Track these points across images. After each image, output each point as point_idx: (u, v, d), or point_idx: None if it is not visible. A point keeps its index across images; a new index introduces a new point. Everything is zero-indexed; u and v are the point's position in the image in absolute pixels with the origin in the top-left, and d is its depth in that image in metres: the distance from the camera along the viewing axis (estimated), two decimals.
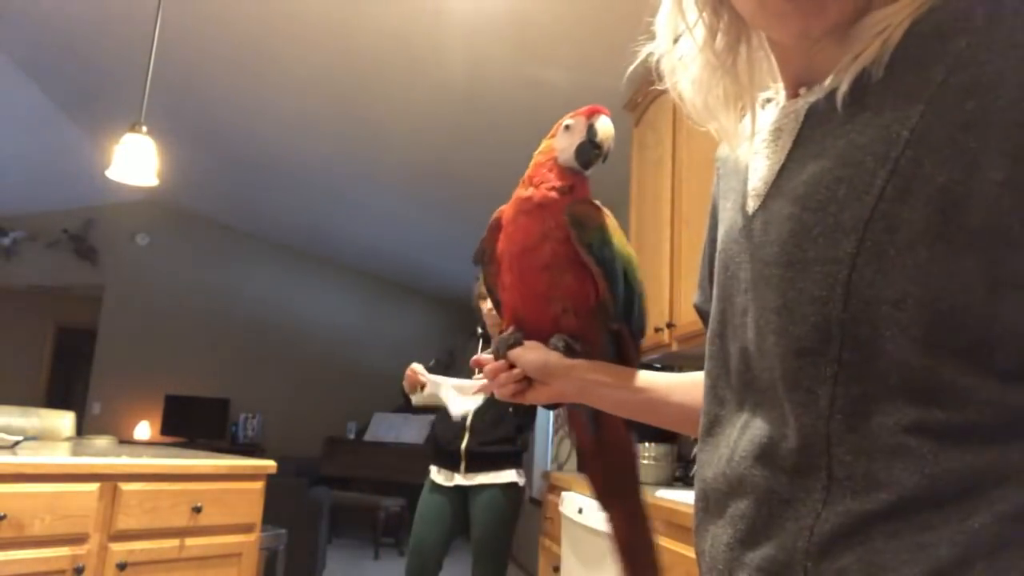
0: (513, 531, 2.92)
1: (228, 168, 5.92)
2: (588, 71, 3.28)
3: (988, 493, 0.43)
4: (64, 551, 1.84)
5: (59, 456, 1.95)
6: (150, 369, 7.00)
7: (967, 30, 0.46)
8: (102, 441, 2.79)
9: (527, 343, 0.83)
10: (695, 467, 0.64)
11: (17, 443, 2.07)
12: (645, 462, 2.73)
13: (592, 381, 0.80)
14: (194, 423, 7.02)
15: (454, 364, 3.02)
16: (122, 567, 1.93)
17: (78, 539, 1.87)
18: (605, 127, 0.79)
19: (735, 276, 0.57)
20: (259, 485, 2.29)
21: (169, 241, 7.29)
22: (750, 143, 0.61)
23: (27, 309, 7.98)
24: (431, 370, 2.88)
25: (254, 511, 2.26)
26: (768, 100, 0.63)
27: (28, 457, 1.83)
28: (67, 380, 8.18)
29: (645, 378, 0.80)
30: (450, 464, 2.90)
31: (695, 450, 0.65)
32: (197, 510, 2.09)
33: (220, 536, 2.17)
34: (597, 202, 0.85)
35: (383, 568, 5.88)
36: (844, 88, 0.51)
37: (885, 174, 0.46)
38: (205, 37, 3.79)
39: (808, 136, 0.54)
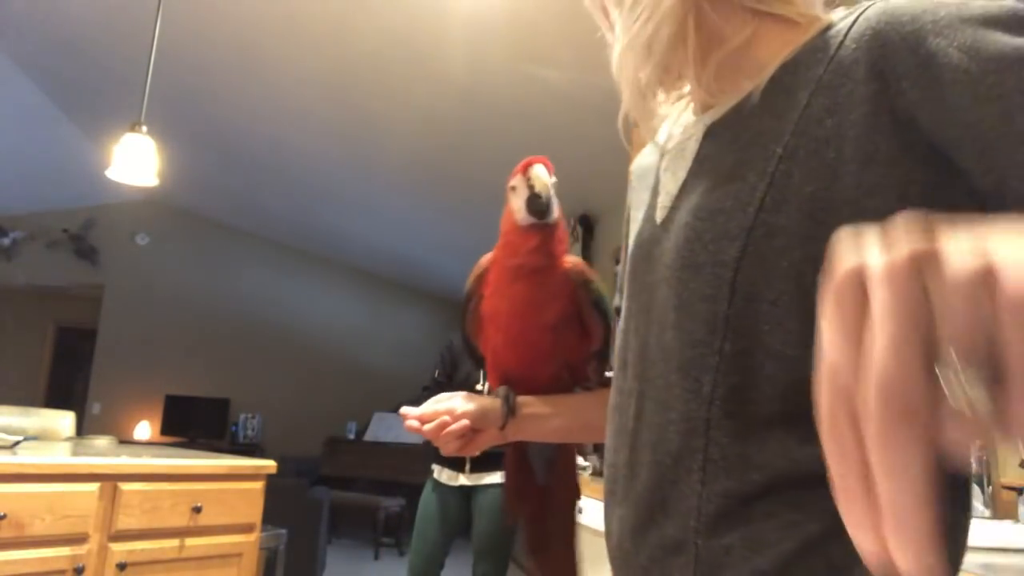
0: (516, 530, 2.93)
1: (228, 168, 5.92)
2: (588, 71, 3.28)
3: None
4: (64, 551, 1.83)
5: (59, 456, 1.94)
6: (150, 369, 7.00)
7: (824, 60, 0.54)
8: (102, 441, 2.79)
9: (460, 394, 0.84)
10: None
11: (17, 443, 2.07)
12: None
13: (529, 415, 0.83)
14: (194, 423, 7.02)
15: (457, 368, 3.01)
16: (122, 567, 1.93)
17: (78, 539, 1.87)
18: (538, 175, 0.82)
19: (641, 279, 0.63)
20: (259, 485, 2.28)
21: (169, 241, 7.29)
22: (662, 159, 0.68)
23: (27, 309, 7.98)
24: (435, 382, 2.90)
25: (254, 511, 2.26)
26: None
27: (28, 457, 1.82)
28: (67, 380, 8.18)
29: (580, 401, 0.84)
30: (455, 464, 2.90)
31: None
32: (197, 510, 2.09)
33: (220, 536, 2.17)
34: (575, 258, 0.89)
35: (383, 568, 5.88)
36: (723, 114, 0.59)
37: (764, 187, 0.53)
38: (205, 37, 3.79)
39: (705, 155, 0.61)
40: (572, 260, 0.86)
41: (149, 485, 2.02)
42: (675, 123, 0.70)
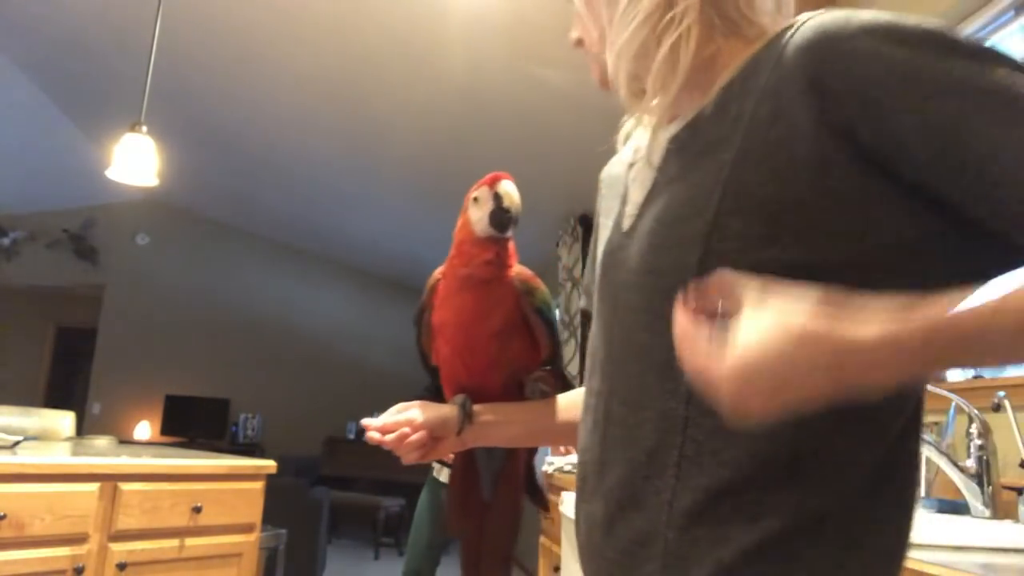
0: (516, 532, 2.94)
1: (228, 167, 5.92)
2: (587, 70, 3.28)
3: (810, 474, 0.54)
4: (64, 551, 1.83)
5: (59, 456, 1.94)
6: (150, 369, 7.00)
7: (766, 70, 0.57)
8: (102, 441, 2.78)
9: (417, 403, 0.86)
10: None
11: (17, 443, 2.07)
12: None
13: (485, 422, 0.85)
14: (194, 423, 7.02)
15: None
16: (122, 567, 1.93)
17: (78, 539, 1.87)
18: (508, 191, 0.82)
19: (610, 283, 0.67)
20: (259, 485, 2.28)
21: (169, 241, 7.29)
22: (630, 170, 0.71)
23: (27, 309, 7.98)
24: (435, 384, 2.89)
25: (254, 511, 2.26)
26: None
27: (28, 457, 1.82)
28: (67, 380, 8.18)
29: (531, 409, 0.87)
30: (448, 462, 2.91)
31: None
32: (197, 510, 2.09)
33: (220, 536, 2.17)
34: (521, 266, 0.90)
35: (383, 568, 5.88)
36: (683, 125, 0.63)
37: (719, 193, 0.56)
38: (205, 36, 3.79)
39: (668, 165, 0.64)
40: (518, 269, 0.87)
41: (149, 485, 2.02)
42: (641, 133, 0.73)
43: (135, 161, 2.88)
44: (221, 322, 7.43)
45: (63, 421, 2.77)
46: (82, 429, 5.89)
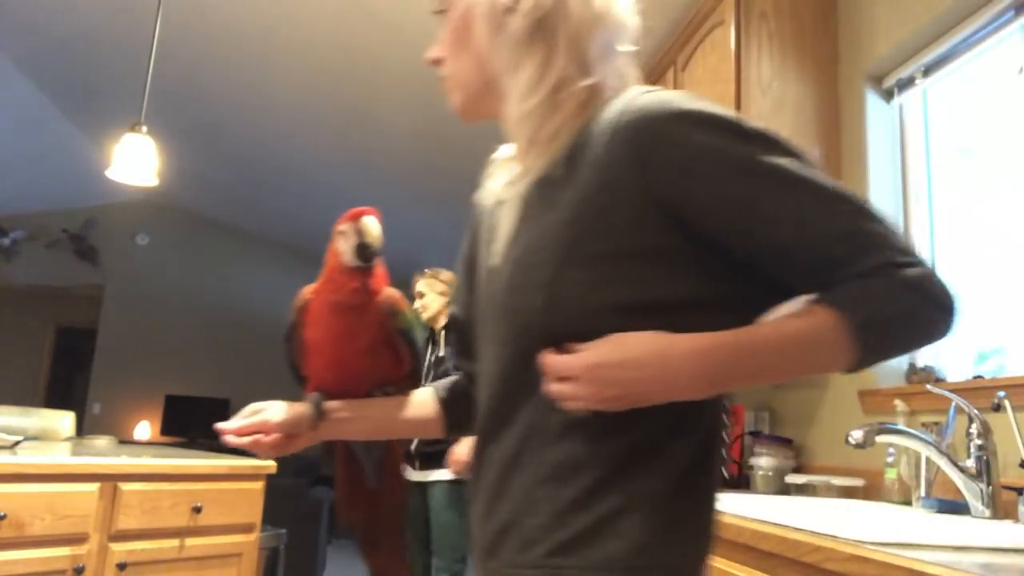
0: (468, 524, 2.98)
1: (228, 168, 5.92)
2: None
3: (638, 469, 0.66)
4: (64, 551, 1.83)
5: (59, 456, 1.94)
6: (150, 369, 7.00)
7: (599, 144, 0.67)
8: (102, 441, 2.78)
9: (270, 404, 0.94)
10: None
11: (17, 443, 2.07)
12: None
13: (338, 419, 0.92)
14: (194, 423, 7.01)
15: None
16: (122, 567, 1.93)
17: (78, 539, 1.87)
18: (369, 228, 0.91)
19: (484, 312, 0.78)
20: (259, 485, 2.28)
21: (169, 241, 7.29)
22: (500, 207, 0.79)
23: (27, 309, 7.98)
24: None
25: (254, 511, 2.26)
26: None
27: (28, 457, 1.82)
28: (67, 380, 8.18)
29: (382, 405, 0.95)
30: (408, 461, 2.96)
31: None
32: (197, 510, 2.09)
33: (220, 536, 2.17)
34: (391, 289, 0.98)
35: None
36: (535, 179, 0.72)
37: (561, 247, 0.67)
38: (205, 37, 3.79)
39: (526, 213, 0.73)
40: (387, 293, 0.95)
41: (149, 485, 2.02)
42: (503, 171, 0.84)
43: (135, 161, 2.88)
44: (221, 322, 7.43)
45: (63, 421, 2.76)
46: (82, 429, 5.89)
